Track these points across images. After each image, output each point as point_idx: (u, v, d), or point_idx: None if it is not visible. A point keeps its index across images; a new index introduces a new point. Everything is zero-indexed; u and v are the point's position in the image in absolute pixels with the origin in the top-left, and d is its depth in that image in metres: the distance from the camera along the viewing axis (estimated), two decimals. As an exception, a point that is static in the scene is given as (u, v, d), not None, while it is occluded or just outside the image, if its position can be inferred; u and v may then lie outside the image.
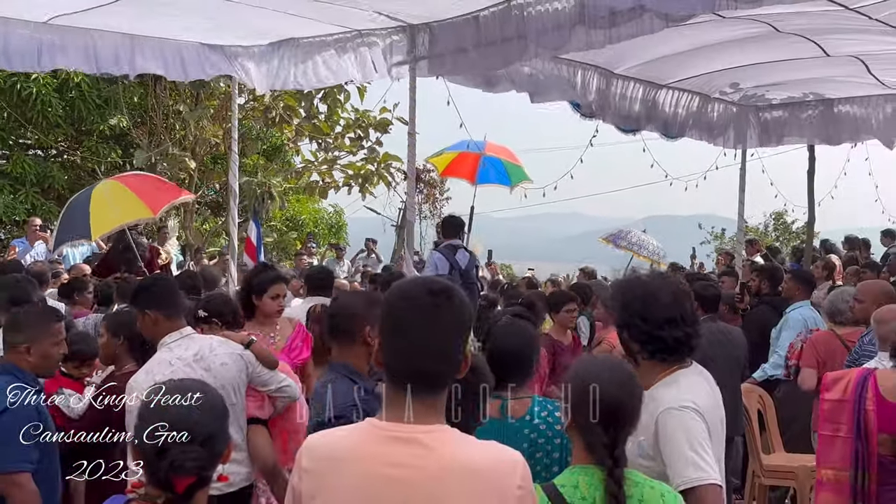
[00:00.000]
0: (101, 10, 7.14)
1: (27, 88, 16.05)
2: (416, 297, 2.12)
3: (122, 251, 9.59)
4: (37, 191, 17.11)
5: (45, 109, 16.43)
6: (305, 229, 23.08)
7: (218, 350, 4.38)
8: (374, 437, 2.11)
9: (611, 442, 2.57)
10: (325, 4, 7.44)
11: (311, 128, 18.36)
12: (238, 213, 10.58)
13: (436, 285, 2.16)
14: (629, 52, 8.35)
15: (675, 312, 2.99)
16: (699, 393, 2.94)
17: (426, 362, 2.10)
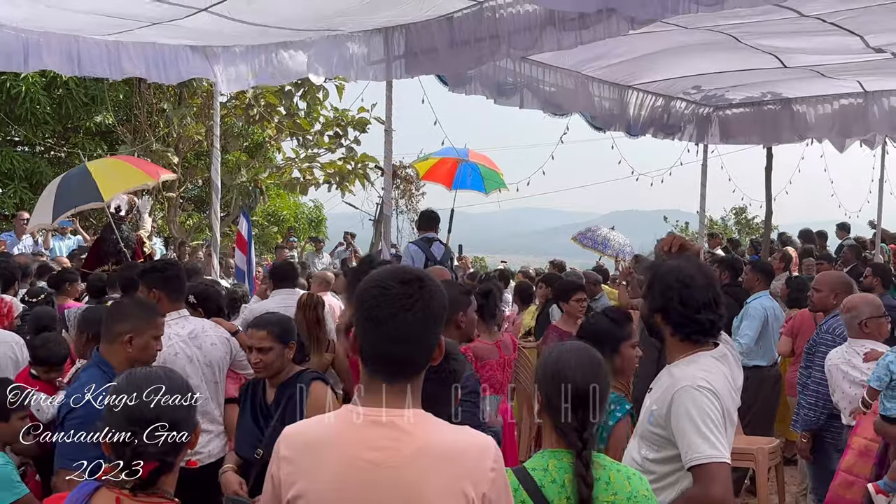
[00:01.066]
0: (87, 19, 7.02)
1: (16, 87, 15.92)
2: (389, 287, 2.10)
3: (113, 243, 9.46)
4: (25, 186, 17.01)
5: (33, 107, 16.30)
6: (286, 223, 23.02)
7: (210, 332, 4.70)
8: (352, 423, 2.09)
9: (580, 426, 2.57)
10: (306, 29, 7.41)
11: (292, 125, 18.25)
12: (220, 207, 10.51)
13: (408, 275, 2.14)
14: (598, 54, 8.36)
15: (709, 296, 3.00)
16: (717, 375, 2.93)
17: (401, 350, 2.08)
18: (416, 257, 8.03)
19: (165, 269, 4.71)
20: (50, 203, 8.87)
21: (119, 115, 17.93)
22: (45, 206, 8.98)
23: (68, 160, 18.53)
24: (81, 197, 8.89)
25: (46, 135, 17.58)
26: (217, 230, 10.39)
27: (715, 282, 3.09)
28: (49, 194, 9.10)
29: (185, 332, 4.58)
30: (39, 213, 9.19)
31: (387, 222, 8.66)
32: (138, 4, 6.68)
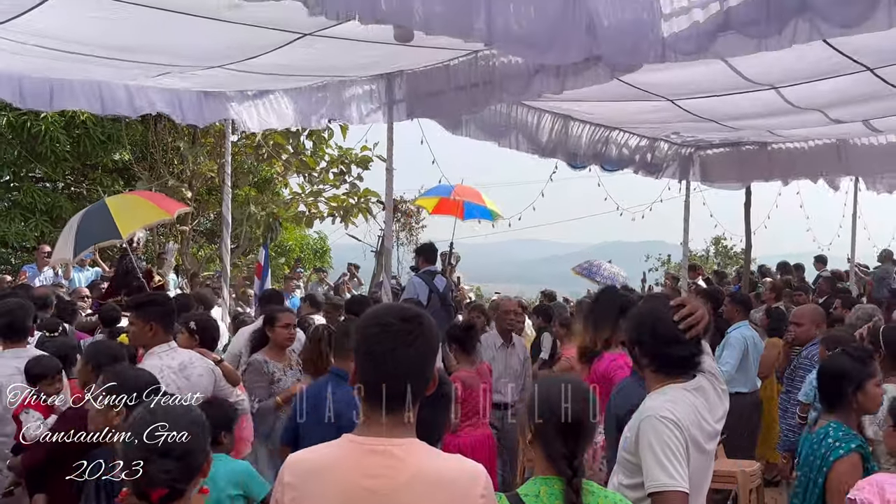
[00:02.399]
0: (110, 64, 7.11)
1: (37, 126, 15.95)
2: (391, 324, 2.13)
3: (123, 275, 9.47)
4: (45, 219, 17.00)
5: (53, 145, 16.29)
6: (293, 255, 22.99)
7: (197, 363, 4.78)
8: (352, 451, 2.11)
9: (570, 454, 2.58)
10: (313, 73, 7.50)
11: (298, 163, 18.34)
12: (231, 240, 10.54)
13: (408, 312, 2.18)
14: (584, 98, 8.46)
15: (680, 333, 2.97)
16: (682, 406, 2.91)
17: (400, 382, 2.11)
18: (420, 290, 8.05)
19: (163, 304, 4.79)
20: (71, 239, 8.83)
21: (136, 153, 17.97)
22: (66, 242, 8.95)
23: (87, 195, 18.55)
24: (100, 234, 8.87)
25: (66, 171, 17.62)
26: (227, 261, 10.43)
27: None
28: (70, 230, 9.06)
29: (176, 364, 4.64)
30: (61, 249, 9.15)
31: (388, 255, 8.71)
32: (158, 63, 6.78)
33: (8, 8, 5.13)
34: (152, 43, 6.17)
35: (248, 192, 19.32)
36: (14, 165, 17.05)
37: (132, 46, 6.24)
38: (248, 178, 18.72)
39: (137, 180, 17.50)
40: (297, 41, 6.19)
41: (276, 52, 6.55)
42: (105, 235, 8.83)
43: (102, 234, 8.80)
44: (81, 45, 6.18)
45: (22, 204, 16.91)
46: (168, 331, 4.70)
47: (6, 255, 17.92)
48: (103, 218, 8.75)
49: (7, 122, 15.91)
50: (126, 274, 9.32)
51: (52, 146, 16.29)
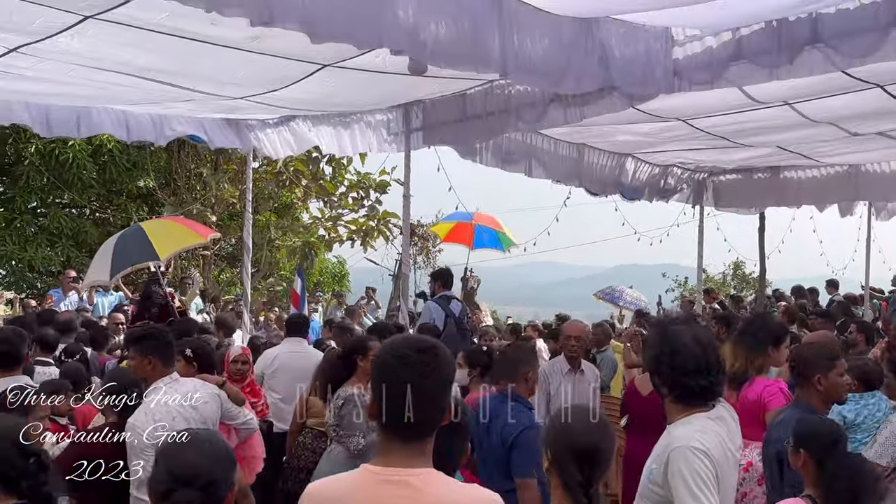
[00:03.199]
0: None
1: (64, 153, 16.19)
2: (407, 356, 2.14)
3: (145, 299, 9.54)
4: (71, 244, 17.19)
5: (79, 172, 16.52)
6: (312, 279, 23.03)
7: (201, 390, 4.75)
8: (369, 481, 2.12)
9: (586, 481, 2.57)
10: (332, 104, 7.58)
11: (318, 188, 18.49)
12: (251, 264, 10.58)
13: (423, 344, 2.19)
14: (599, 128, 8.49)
15: (701, 363, 2.94)
16: (711, 436, 2.88)
17: (417, 413, 2.11)
18: (437, 315, 8.04)
19: (159, 337, 4.73)
20: (107, 261, 8.88)
21: (160, 180, 18.18)
22: (102, 264, 9.00)
23: (112, 221, 18.77)
24: (138, 256, 8.95)
25: (92, 198, 17.84)
26: (248, 286, 10.44)
27: (710, 349, 3.01)
28: (105, 253, 9.12)
29: (180, 396, 4.60)
30: (96, 271, 9.22)
31: (405, 280, 8.72)
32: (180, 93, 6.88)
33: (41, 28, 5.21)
34: (178, 71, 6.26)
35: (268, 217, 19.46)
36: (41, 192, 17.28)
37: (159, 74, 6.33)
38: (269, 203, 18.86)
39: (162, 206, 17.69)
40: (317, 73, 6.26)
41: (296, 84, 6.62)
42: (143, 257, 8.94)
43: (140, 256, 8.92)
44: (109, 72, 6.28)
45: (48, 229, 17.10)
46: (167, 363, 4.65)
47: (32, 279, 18.10)
48: (140, 241, 8.88)
49: (35, 150, 16.16)
50: (147, 298, 9.38)
51: (79, 173, 16.51)
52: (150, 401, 4.43)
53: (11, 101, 7.44)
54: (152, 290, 9.41)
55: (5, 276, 17.75)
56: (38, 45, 5.47)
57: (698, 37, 5.46)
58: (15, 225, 16.87)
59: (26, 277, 17.52)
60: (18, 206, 17.10)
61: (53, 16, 4.88)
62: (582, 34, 5.11)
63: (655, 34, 5.41)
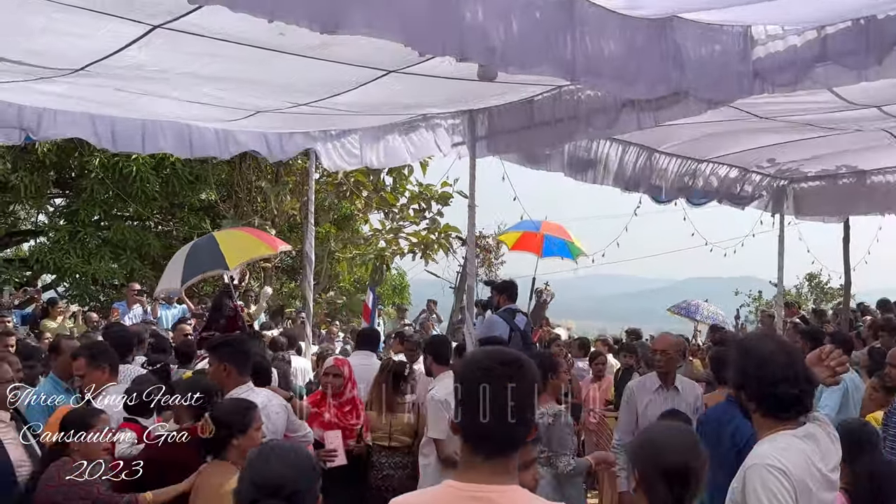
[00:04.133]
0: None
1: (128, 167, 16.68)
2: (492, 368, 2.13)
3: (213, 311, 9.72)
4: (135, 257, 17.67)
5: (143, 185, 17.00)
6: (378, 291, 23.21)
7: (273, 401, 5.02)
8: (452, 498, 2.11)
9: (675, 501, 2.54)
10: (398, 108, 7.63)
11: (379, 200, 18.64)
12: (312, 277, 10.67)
13: (508, 356, 2.18)
14: (672, 131, 8.35)
15: (790, 371, 2.88)
16: (793, 453, 2.81)
17: (502, 428, 2.10)
18: (501, 328, 7.97)
19: (236, 345, 4.99)
20: (179, 269, 9.21)
21: (221, 193, 18.59)
22: (174, 272, 9.32)
23: (175, 234, 19.23)
24: (209, 264, 9.26)
25: (154, 210, 18.34)
26: (310, 299, 10.52)
27: (796, 357, 2.97)
28: (178, 261, 9.46)
29: (259, 403, 4.70)
30: (168, 279, 9.54)
31: (470, 294, 8.67)
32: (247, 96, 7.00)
33: (105, 46, 5.36)
34: (243, 79, 6.37)
35: (328, 229, 19.69)
36: (105, 205, 17.81)
37: (224, 84, 6.46)
38: (329, 215, 19.08)
39: (223, 218, 18.05)
40: (381, 78, 6.30)
41: (359, 89, 6.68)
42: (213, 265, 9.24)
43: (210, 264, 9.23)
44: (174, 84, 6.44)
45: (112, 242, 17.60)
46: (243, 371, 4.88)
47: (95, 292, 18.61)
48: (212, 250, 9.18)
49: (100, 163, 16.70)
50: (217, 309, 9.56)
51: (143, 186, 16.99)
52: None
53: (76, 114, 7.69)
54: (223, 301, 9.60)
55: (69, 289, 18.27)
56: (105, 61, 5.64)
57: (780, 35, 5.31)
58: (79, 238, 17.39)
59: (90, 290, 18.01)
60: (82, 219, 17.61)
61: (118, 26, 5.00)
62: (655, 36, 5.02)
63: (733, 34, 5.29)
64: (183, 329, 9.70)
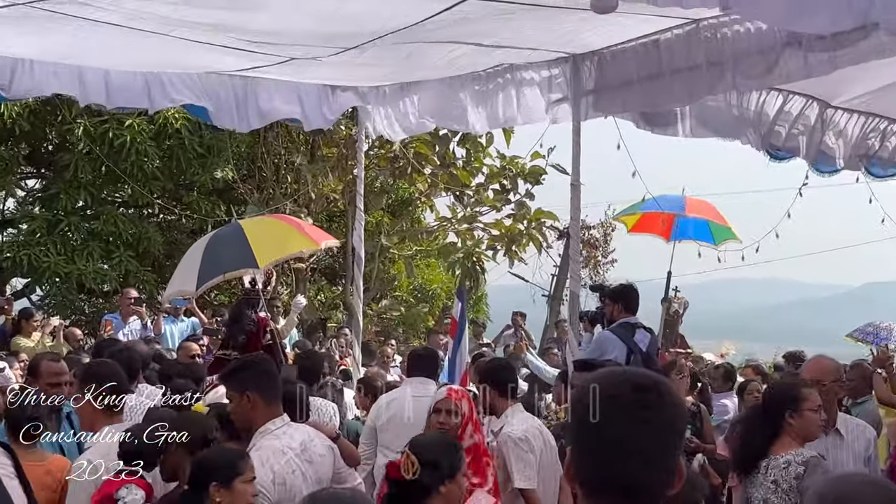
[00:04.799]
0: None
1: (120, 136, 16.73)
2: (620, 395, 2.13)
3: (231, 323, 9.85)
4: (130, 255, 17.72)
5: (139, 160, 17.08)
6: (438, 301, 23.23)
7: (317, 441, 5.05)
8: None
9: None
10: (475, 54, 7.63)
11: (447, 178, 18.59)
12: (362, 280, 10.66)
13: (643, 379, 2.18)
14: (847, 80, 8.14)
15: None
16: None
17: (637, 474, 2.10)
18: (614, 348, 7.93)
19: (255, 365, 5.01)
20: (195, 268, 9.18)
21: (241, 170, 18.75)
22: (188, 270, 9.27)
23: (181, 224, 19.50)
24: (233, 261, 9.23)
25: (155, 194, 18.44)
26: (359, 310, 10.61)
27: None
28: (194, 257, 9.41)
29: (297, 444, 4.87)
30: (181, 280, 9.54)
31: (573, 302, 8.63)
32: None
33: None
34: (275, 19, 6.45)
35: (379, 218, 19.79)
36: (92, 186, 17.89)
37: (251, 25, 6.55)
38: (381, 199, 19.15)
39: (243, 204, 18.25)
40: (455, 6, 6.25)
41: (421, 27, 6.67)
42: (238, 263, 9.23)
43: (234, 262, 9.21)
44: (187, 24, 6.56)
45: (101, 235, 17.65)
46: (272, 400, 4.91)
47: (79, 302, 18.84)
48: (237, 243, 9.17)
49: (84, 131, 16.76)
50: (235, 322, 9.68)
51: (139, 161, 17.06)
52: (264, 446, 4.70)
53: (59, 66, 7.90)
54: (243, 311, 9.71)
55: (47, 295, 18.48)
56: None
57: None
58: (59, 230, 17.46)
59: (73, 298, 18.27)
60: (63, 206, 17.71)
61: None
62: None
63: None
64: (189, 349, 9.82)
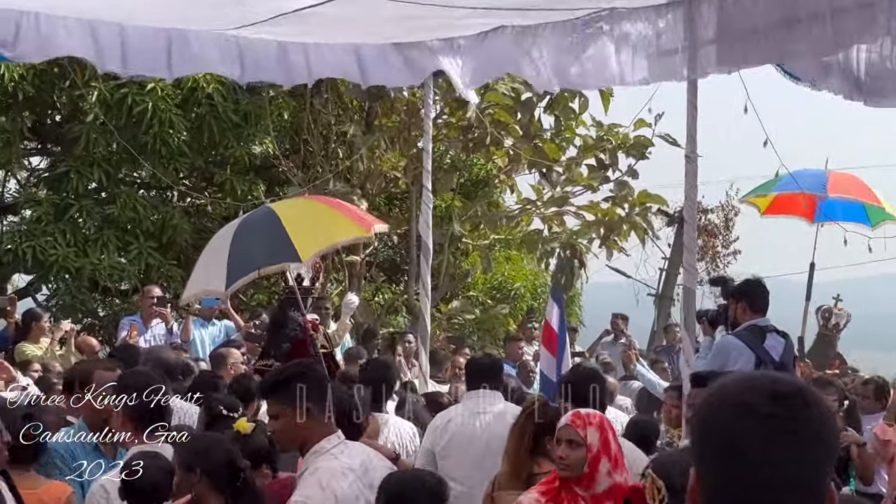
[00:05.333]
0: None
1: (141, 103, 16.81)
2: (757, 405, 2.12)
3: (273, 329, 9.92)
4: (152, 246, 17.76)
5: (163, 132, 17.12)
6: (521, 302, 23.16)
7: (377, 463, 5.19)
8: None
9: None
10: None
11: (531, 151, 18.48)
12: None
13: (783, 385, 2.17)
14: None
15: None
16: None
17: (780, 499, 2.10)
18: (742, 358, 7.89)
19: (306, 372, 5.13)
20: (221, 262, 9.20)
21: (282, 143, 18.79)
22: (214, 265, 9.24)
23: (211, 209, 19.57)
24: (269, 255, 9.21)
25: (182, 172, 18.56)
26: (426, 311, 10.61)
27: None
28: (218, 249, 9.41)
29: (357, 465, 4.98)
30: (205, 277, 9.51)
31: (689, 300, 8.57)
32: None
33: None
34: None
35: (449, 201, 19.77)
36: (108, 164, 17.94)
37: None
38: (452, 177, 19.14)
39: (285, 184, 18.31)
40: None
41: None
42: (275, 257, 9.24)
43: (271, 256, 9.22)
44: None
45: (118, 222, 17.70)
46: (321, 412, 5.01)
47: (91, 302, 18.91)
48: (272, 232, 9.17)
49: (98, 98, 16.86)
50: (279, 327, 9.75)
51: (163, 133, 17.16)
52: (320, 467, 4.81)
53: (70, 21, 8.03)
54: (287, 314, 9.77)
55: (53, 296, 18.59)
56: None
57: None
58: (69, 217, 17.55)
59: (84, 298, 18.35)
60: (74, 187, 17.63)
61: None
62: None
63: None
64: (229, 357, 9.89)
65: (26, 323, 12.62)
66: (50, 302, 18.27)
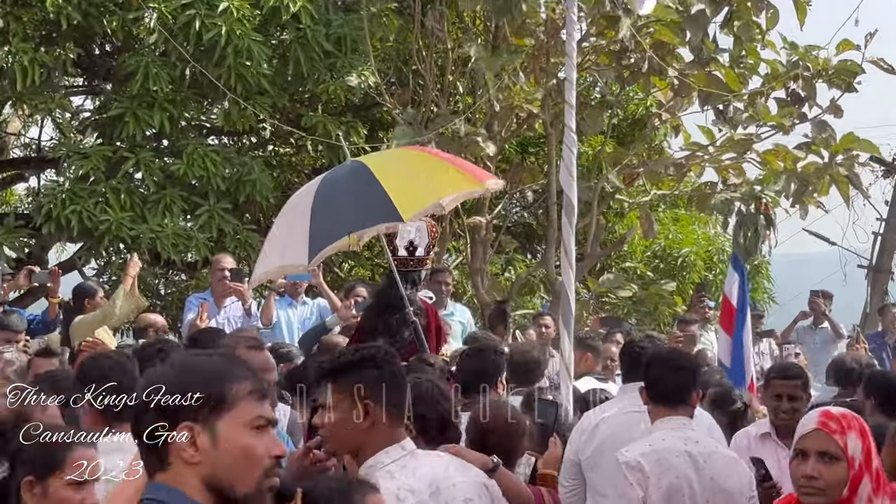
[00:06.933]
0: None
1: (212, 28, 16.67)
2: None
3: (377, 312, 9.96)
4: (225, 208, 17.68)
5: (239, 63, 16.98)
6: (692, 272, 23.11)
7: (457, 478, 5.14)
8: None
9: None
10: None
11: (704, 79, 18.30)
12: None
13: None
14: None
15: None
16: None
17: None
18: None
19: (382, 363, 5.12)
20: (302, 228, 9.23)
21: (386, 73, 18.83)
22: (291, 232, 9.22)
23: (296, 161, 19.77)
24: (364, 215, 9.00)
25: (262, 114, 18.56)
26: (570, 287, 10.62)
27: None
28: (297, 213, 9.45)
29: (424, 486, 4.96)
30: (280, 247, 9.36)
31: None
32: None
33: None
34: None
35: (600, 145, 19.77)
36: (170, 105, 17.79)
37: None
38: (602, 116, 19.07)
39: (389, 127, 18.43)
40: None
41: None
42: (370, 218, 9.09)
43: (365, 216, 9.08)
44: None
45: (183, 179, 17.75)
46: (397, 416, 5.10)
47: (151, 278, 19.47)
48: (363, 187, 9.17)
49: (158, 21, 16.83)
50: (384, 308, 9.81)
51: (239, 65, 17.08)
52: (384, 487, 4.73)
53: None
54: (390, 294, 9.80)
55: (105, 270, 18.99)
56: None
57: None
58: (123, 172, 17.39)
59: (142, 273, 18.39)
60: (129, 135, 17.52)
61: None
62: None
63: None
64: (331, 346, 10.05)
65: (78, 300, 12.75)
66: (101, 278, 18.51)
